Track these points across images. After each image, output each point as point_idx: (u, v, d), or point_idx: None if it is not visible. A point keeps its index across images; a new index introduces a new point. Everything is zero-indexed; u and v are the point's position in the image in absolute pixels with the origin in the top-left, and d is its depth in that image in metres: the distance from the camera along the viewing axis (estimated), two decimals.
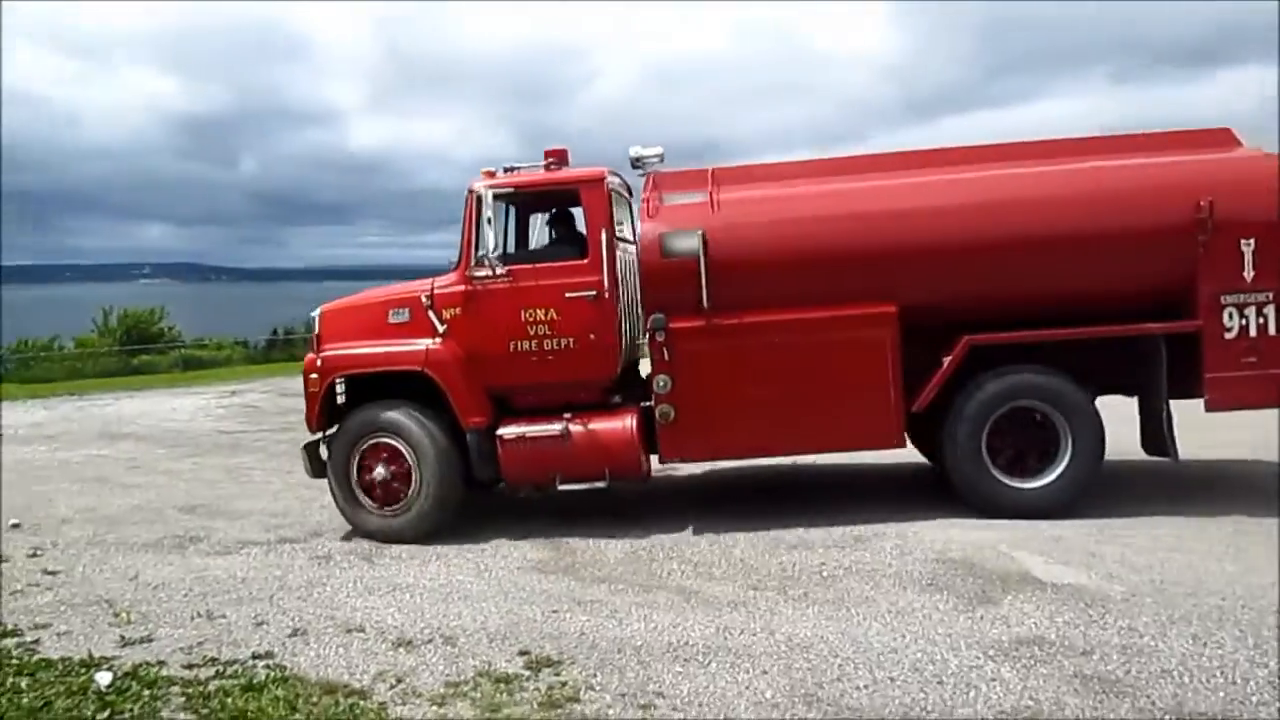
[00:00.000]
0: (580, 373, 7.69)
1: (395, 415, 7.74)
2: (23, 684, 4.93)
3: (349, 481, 7.84)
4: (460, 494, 7.84)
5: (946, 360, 7.32)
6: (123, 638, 5.60)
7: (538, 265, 7.82)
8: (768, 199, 7.80)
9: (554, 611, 5.81)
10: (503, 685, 4.74)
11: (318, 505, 8.92)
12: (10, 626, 5.83)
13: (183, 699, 4.70)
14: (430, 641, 5.38)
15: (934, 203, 7.49)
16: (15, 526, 8.50)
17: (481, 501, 8.38)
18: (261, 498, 9.39)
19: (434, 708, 4.52)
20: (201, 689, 4.80)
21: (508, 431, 7.63)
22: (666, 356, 7.50)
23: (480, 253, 7.68)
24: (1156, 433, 7.42)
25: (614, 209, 7.89)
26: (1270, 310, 7.13)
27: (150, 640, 5.55)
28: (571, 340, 7.64)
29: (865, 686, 4.60)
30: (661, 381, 7.52)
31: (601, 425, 7.60)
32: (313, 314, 8.34)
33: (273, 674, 4.96)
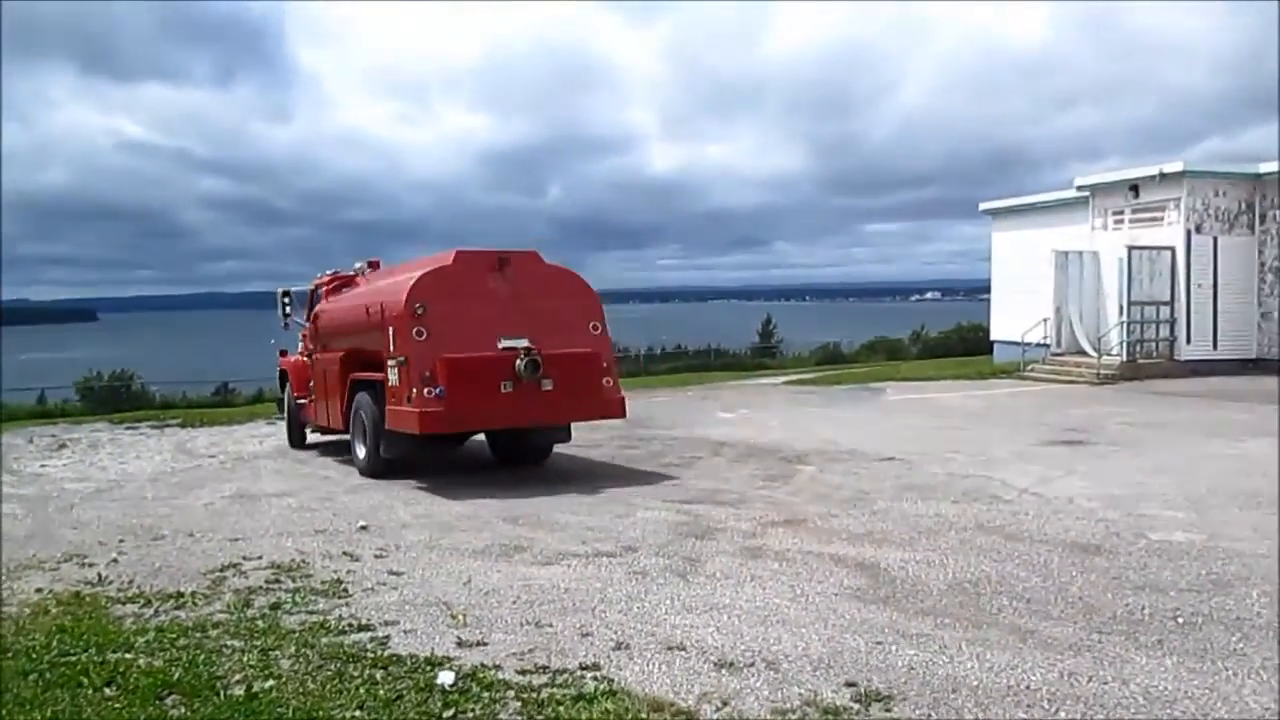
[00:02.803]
0: None
1: (283, 387, 16.89)
2: (377, 676, 5.30)
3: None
4: (300, 430, 15.81)
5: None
6: (460, 639, 5.90)
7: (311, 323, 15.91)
8: (341, 294, 15.37)
9: (878, 643, 5.57)
10: (831, 717, 4.57)
11: (629, 521, 9.15)
12: (365, 621, 6.31)
13: (519, 704, 4.86)
14: (752, 665, 5.29)
15: (345, 300, 14.63)
16: (363, 529, 9.27)
17: (794, 520, 8.26)
18: (578, 511, 9.72)
19: None
20: (535, 695, 4.95)
21: (299, 400, 15.56)
22: (312, 371, 15.14)
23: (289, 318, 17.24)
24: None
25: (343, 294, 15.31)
26: (399, 370, 11.37)
27: (485, 644, 5.81)
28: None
29: None
30: (311, 383, 15.03)
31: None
32: None
33: (601, 686, 5.04)
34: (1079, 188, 25.41)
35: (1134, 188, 23.93)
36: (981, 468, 11.48)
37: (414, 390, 10.99)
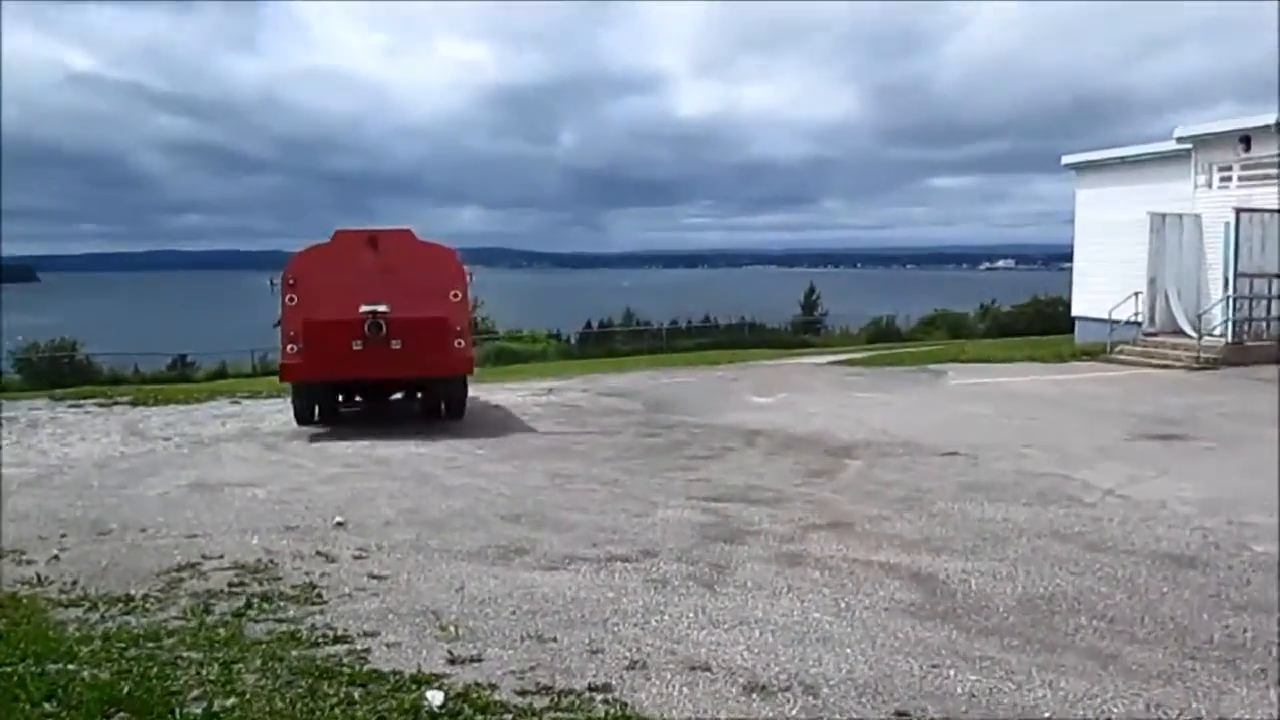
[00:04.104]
0: None
1: None
2: (355, 695, 5.35)
3: None
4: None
5: None
6: (451, 654, 5.96)
7: None
8: None
9: (934, 666, 5.60)
10: None
11: (647, 521, 9.18)
12: (341, 631, 6.37)
13: None
14: (788, 689, 5.33)
15: None
16: (340, 525, 9.34)
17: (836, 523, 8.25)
18: (589, 509, 9.76)
19: None
20: None
21: None
22: None
23: None
24: None
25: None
26: (280, 330, 15.22)
27: (479, 660, 5.87)
28: None
29: None
30: None
31: None
32: None
33: (612, 710, 5.08)
34: (1179, 139, 25.17)
35: (1245, 140, 23.67)
36: (1058, 465, 11.45)
37: (284, 346, 15.21)
